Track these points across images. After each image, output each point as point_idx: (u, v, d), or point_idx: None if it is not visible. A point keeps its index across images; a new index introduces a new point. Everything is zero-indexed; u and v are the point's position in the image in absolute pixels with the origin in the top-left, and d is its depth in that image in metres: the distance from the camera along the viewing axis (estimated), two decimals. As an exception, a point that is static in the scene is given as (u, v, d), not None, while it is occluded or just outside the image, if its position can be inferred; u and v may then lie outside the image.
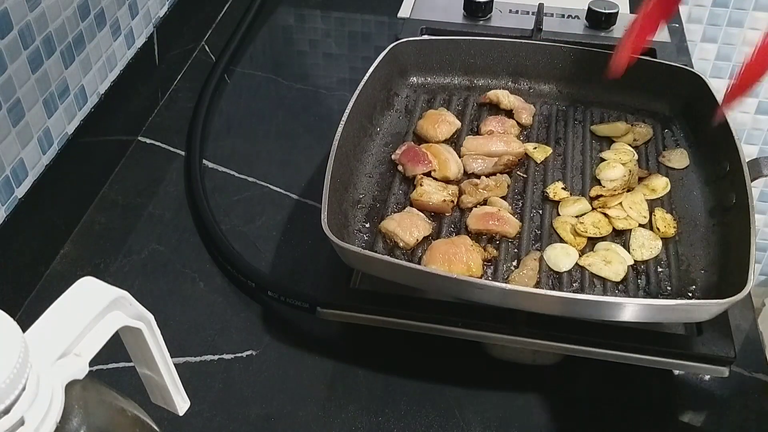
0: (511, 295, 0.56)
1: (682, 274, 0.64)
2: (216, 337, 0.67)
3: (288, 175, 0.85)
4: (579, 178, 0.74)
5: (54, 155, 0.74)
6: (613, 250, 0.65)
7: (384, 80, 0.81)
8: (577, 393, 0.63)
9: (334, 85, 1.00)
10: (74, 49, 0.76)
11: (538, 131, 0.80)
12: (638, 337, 0.60)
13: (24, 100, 0.68)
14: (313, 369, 0.65)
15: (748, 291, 0.55)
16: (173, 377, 0.40)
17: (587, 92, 0.85)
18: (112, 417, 0.35)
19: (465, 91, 0.86)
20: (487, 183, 0.71)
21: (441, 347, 0.65)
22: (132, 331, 0.37)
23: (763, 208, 1.62)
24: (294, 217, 0.80)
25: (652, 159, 0.76)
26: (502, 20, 0.99)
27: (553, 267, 0.64)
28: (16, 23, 0.65)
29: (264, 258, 0.75)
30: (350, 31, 1.10)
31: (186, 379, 0.41)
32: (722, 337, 0.60)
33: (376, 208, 0.71)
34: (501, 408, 0.62)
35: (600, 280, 0.63)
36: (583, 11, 1.00)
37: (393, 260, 0.60)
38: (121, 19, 0.85)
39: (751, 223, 0.61)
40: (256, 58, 1.05)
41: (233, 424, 0.60)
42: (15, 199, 0.68)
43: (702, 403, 0.63)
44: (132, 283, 0.72)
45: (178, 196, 0.82)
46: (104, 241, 0.77)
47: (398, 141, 0.78)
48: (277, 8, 1.14)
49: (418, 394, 0.63)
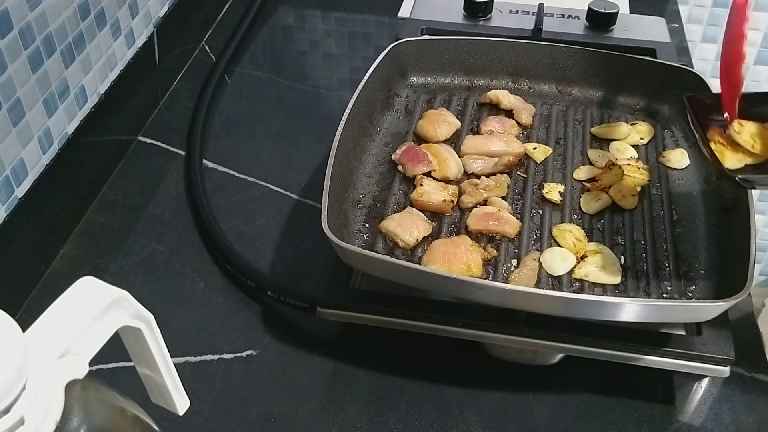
0: (511, 295, 0.56)
1: (682, 274, 0.64)
2: (216, 337, 0.67)
3: (288, 175, 0.85)
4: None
5: (54, 155, 0.74)
6: (602, 252, 0.65)
7: (384, 80, 0.81)
8: (577, 393, 0.63)
9: (334, 85, 1.00)
10: (74, 48, 0.76)
11: (538, 131, 0.80)
12: (638, 337, 0.60)
13: (24, 99, 0.68)
14: (313, 369, 0.65)
15: (748, 291, 0.55)
16: (173, 377, 0.40)
17: (587, 92, 0.85)
18: (112, 417, 0.35)
19: (465, 91, 0.86)
20: (487, 183, 0.71)
21: (441, 347, 0.65)
22: (132, 331, 0.37)
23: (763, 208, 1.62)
24: (294, 217, 0.80)
25: (652, 159, 0.76)
26: (502, 20, 0.99)
27: (548, 270, 0.64)
28: (17, 23, 0.65)
29: (264, 258, 0.75)
30: (350, 31, 1.10)
31: (186, 379, 0.41)
32: (722, 338, 0.60)
33: (376, 208, 0.71)
34: (501, 408, 0.62)
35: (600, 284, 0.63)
36: (583, 11, 1.00)
37: (393, 260, 0.60)
38: (121, 19, 0.85)
39: (751, 223, 0.61)
40: (257, 58, 1.05)
41: (233, 424, 0.60)
42: (15, 199, 0.68)
43: (702, 403, 0.63)
44: (132, 283, 0.72)
45: (178, 196, 0.82)
46: (104, 241, 0.77)
47: (398, 141, 0.78)
48: (277, 8, 1.14)
49: (418, 394, 0.63)
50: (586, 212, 0.70)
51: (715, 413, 0.62)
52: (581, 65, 0.85)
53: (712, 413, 0.62)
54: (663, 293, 0.62)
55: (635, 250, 0.66)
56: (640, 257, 0.65)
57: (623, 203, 0.70)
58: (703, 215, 0.70)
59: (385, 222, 0.67)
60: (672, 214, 0.70)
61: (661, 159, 0.76)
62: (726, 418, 0.61)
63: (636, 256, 0.65)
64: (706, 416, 0.62)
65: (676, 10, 1.13)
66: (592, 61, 0.84)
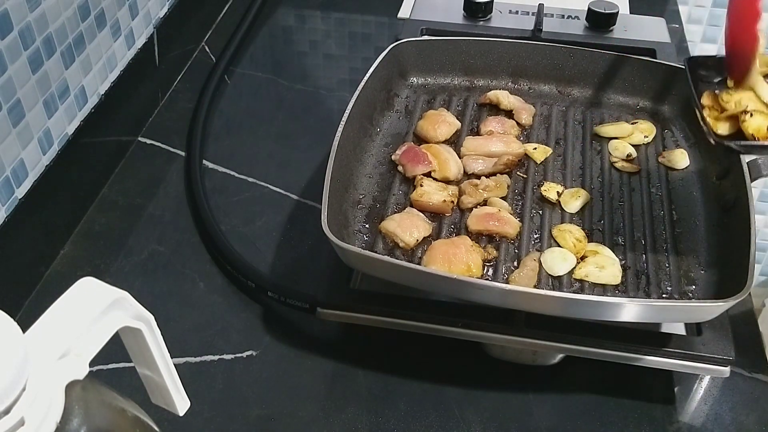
0: (511, 295, 0.56)
1: (682, 274, 0.64)
2: (216, 337, 0.67)
3: (288, 175, 0.85)
4: (579, 180, 0.74)
5: (54, 155, 0.74)
6: (602, 253, 0.65)
7: (384, 81, 0.81)
8: (577, 393, 0.63)
9: (334, 86, 1.00)
10: (74, 49, 0.76)
11: (538, 131, 0.80)
12: (638, 337, 0.60)
13: (24, 100, 0.68)
14: (313, 369, 0.65)
15: (748, 291, 0.55)
16: (173, 377, 0.40)
17: (587, 92, 0.85)
18: (112, 417, 0.35)
19: (465, 91, 0.86)
20: (487, 183, 0.71)
21: (441, 347, 0.65)
22: (132, 332, 0.37)
23: (763, 208, 1.62)
24: (294, 217, 0.80)
25: (652, 159, 0.76)
26: (502, 21, 0.99)
27: (548, 271, 0.64)
28: (17, 24, 0.65)
29: (264, 258, 0.75)
30: (350, 31, 1.10)
31: (186, 379, 0.41)
32: (722, 338, 0.60)
33: (376, 209, 0.71)
34: (501, 408, 0.62)
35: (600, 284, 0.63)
36: (583, 12, 1.00)
37: (393, 260, 0.60)
38: (121, 20, 0.85)
39: (751, 223, 0.61)
40: (257, 59, 1.05)
41: (233, 424, 0.60)
42: (15, 200, 0.68)
43: (702, 403, 0.63)
44: (132, 283, 0.72)
45: (178, 197, 0.82)
46: (104, 241, 0.77)
47: (398, 141, 0.78)
48: (277, 9, 1.14)
49: (418, 394, 0.63)
50: (568, 212, 0.70)
51: (715, 413, 0.62)
52: (581, 65, 0.85)
53: (712, 413, 0.62)
54: (663, 293, 0.62)
55: (635, 250, 0.66)
56: (640, 257, 0.65)
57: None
58: (703, 215, 0.70)
59: (385, 222, 0.67)
60: (672, 214, 0.70)
61: (661, 159, 0.76)
62: (726, 418, 0.61)
63: (636, 256, 0.65)
64: (706, 416, 0.62)
65: (676, 10, 1.13)
66: (592, 61, 0.84)
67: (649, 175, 0.74)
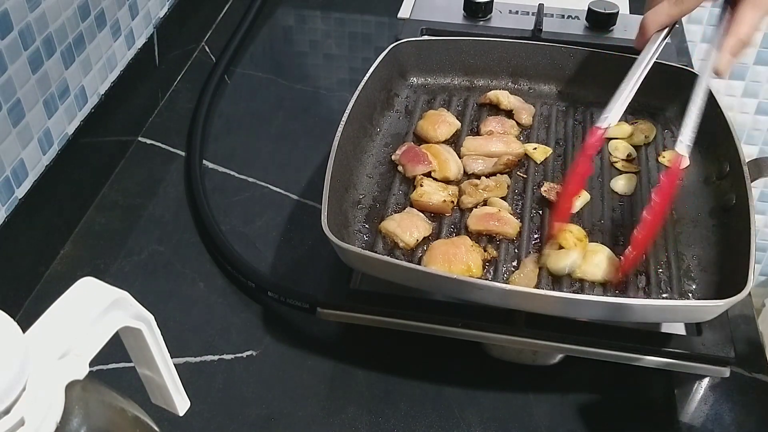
0: (511, 295, 0.56)
1: (682, 274, 0.64)
2: (216, 337, 0.67)
3: (288, 175, 0.85)
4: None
5: (54, 156, 0.74)
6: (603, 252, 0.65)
7: (384, 81, 0.81)
8: (577, 393, 0.63)
9: (334, 86, 1.00)
10: (74, 49, 0.76)
11: (538, 131, 0.80)
12: (638, 337, 0.60)
13: (24, 100, 0.68)
14: (313, 369, 0.65)
15: (748, 291, 0.55)
16: (173, 377, 0.40)
17: (587, 92, 0.85)
18: (112, 417, 0.35)
19: (465, 91, 0.86)
20: (487, 183, 0.71)
21: (441, 347, 0.65)
22: (132, 332, 0.37)
23: (763, 208, 1.63)
24: (294, 217, 0.80)
25: (651, 159, 0.76)
26: (502, 21, 0.99)
27: (551, 270, 0.64)
28: (17, 24, 0.65)
29: (264, 258, 0.75)
30: (350, 31, 1.10)
31: (186, 379, 0.41)
32: (722, 338, 0.60)
33: (376, 209, 0.71)
34: (501, 408, 0.62)
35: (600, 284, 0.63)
36: (583, 12, 1.00)
37: (393, 261, 0.60)
38: (121, 20, 0.85)
39: (751, 223, 0.61)
40: (256, 59, 1.05)
41: (233, 424, 0.60)
42: (15, 200, 0.68)
43: (702, 403, 0.63)
44: (132, 283, 0.72)
45: (178, 197, 0.82)
46: (104, 241, 0.77)
47: (398, 141, 0.78)
48: (277, 9, 1.14)
49: (418, 394, 0.63)
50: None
51: (715, 413, 0.62)
52: (581, 65, 0.85)
53: (712, 413, 0.62)
54: (663, 293, 0.62)
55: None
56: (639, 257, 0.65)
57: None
58: (703, 215, 0.70)
59: (385, 222, 0.67)
60: (672, 214, 0.70)
61: (661, 159, 0.76)
62: (726, 418, 0.61)
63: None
64: (706, 416, 0.62)
65: (675, 11, 1.13)
66: (592, 61, 0.84)
67: (649, 175, 0.74)
